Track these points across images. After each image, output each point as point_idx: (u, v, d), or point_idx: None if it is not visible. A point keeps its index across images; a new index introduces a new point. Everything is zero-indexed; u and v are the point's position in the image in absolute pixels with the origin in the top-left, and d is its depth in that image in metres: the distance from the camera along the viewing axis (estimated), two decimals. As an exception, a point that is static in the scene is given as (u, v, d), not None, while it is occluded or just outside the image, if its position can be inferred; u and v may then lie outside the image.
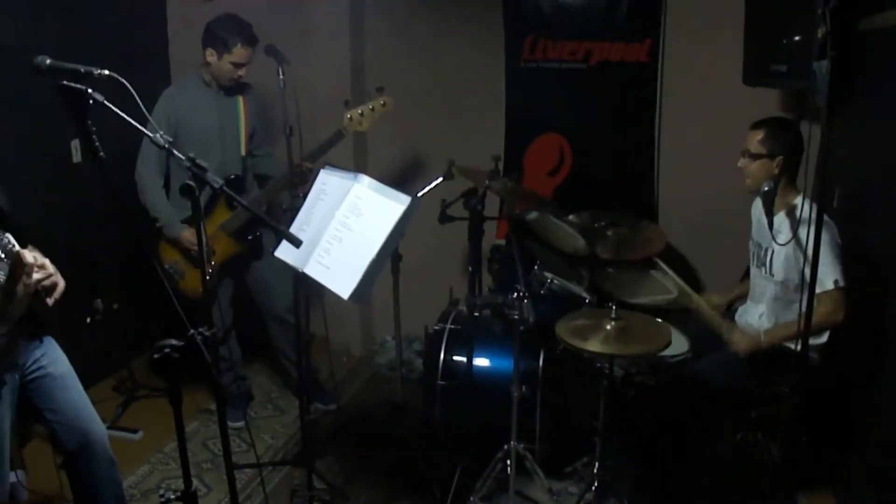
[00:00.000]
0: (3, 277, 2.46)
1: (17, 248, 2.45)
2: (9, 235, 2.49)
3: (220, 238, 4.40)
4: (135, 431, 4.60)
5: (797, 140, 3.61)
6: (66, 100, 2.02)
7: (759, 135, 3.62)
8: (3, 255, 2.50)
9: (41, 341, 3.00)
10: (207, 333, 2.28)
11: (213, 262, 4.39)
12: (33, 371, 2.98)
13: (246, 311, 4.81)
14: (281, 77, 3.97)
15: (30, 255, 2.43)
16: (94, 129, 2.04)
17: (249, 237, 4.44)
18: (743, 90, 4.15)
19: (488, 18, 5.05)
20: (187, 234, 4.29)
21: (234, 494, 2.80)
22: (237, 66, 4.27)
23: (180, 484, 2.52)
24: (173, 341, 2.21)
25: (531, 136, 5.18)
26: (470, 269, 3.86)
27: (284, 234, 2.73)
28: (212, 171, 4.25)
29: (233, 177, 4.39)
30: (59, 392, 3.06)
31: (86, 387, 4.95)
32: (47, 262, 2.53)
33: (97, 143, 2.05)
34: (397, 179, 5.35)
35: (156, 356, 2.20)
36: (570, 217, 4.23)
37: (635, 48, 4.78)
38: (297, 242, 2.75)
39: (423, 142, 5.36)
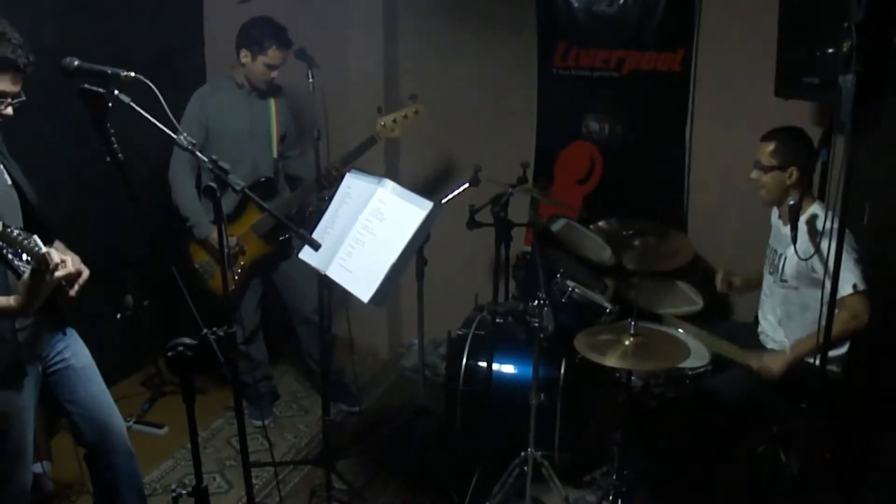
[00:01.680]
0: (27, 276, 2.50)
1: (44, 249, 2.49)
2: (35, 237, 2.54)
3: (251, 239, 4.44)
4: (160, 427, 4.66)
5: (810, 150, 3.59)
6: (87, 102, 2.06)
7: (770, 146, 3.60)
8: (29, 258, 2.55)
9: (64, 333, 3.05)
10: (221, 333, 2.31)
11: (241, 263, 4.43)
12: (56, 363, 3.03)
13: (274, 311, 4.85)
14: (310, 80, 4.00)
15: (56, 255, 2.48)
16: (113, 131, 2.08)
17: (280, 238, 4.48)
18: (775, 102, 4.12)
19: (521, 25, 5.05)
20: (216, 236, 4.34)
21: (251, 492, 2.83)
22: (271, 67, 4.31)
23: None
24: (187, 340, 2.25)
25: (562, 143, 5.16)
26: (494, 275, 3.88)
27: (303, 237, 2.75)
28: (244, 172, 4.34)
29: (263, 179, 4.43)
30: (81, 384, 3.11)
31: (114, 382, 5.07)
32: (69, 260, 2.57)
33: (115, 146, 2.08)
34: (428, 184, 5.38)
35: (169, 354, 2.23)
36: (600, 224, 4.23)
37: (668, 57, 4.76)
38: (315, 245, 2.77)
39: (455, 147, 5.38)
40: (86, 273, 2.70)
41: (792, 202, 3.40)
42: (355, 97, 5.15)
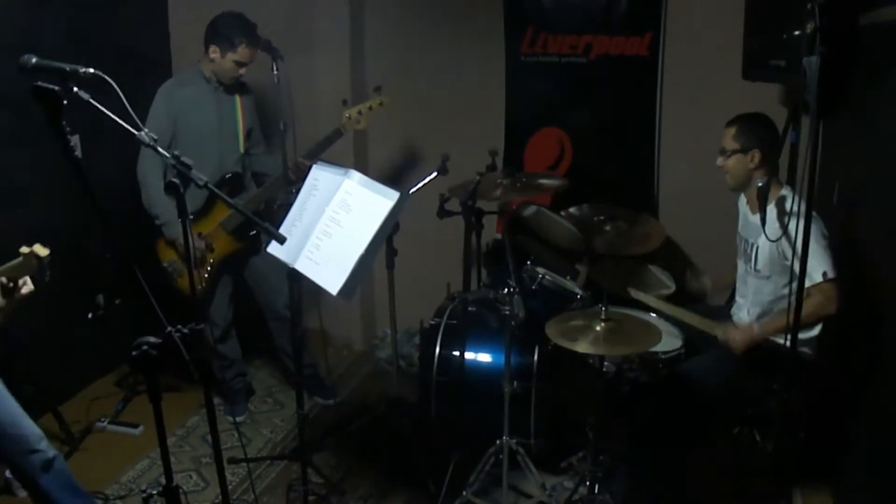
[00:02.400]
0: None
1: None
2: None
3: (220, 235, 4.39)
4: (135, 426, 4.62)
5: (772, 133, 3.60)
6: (42, 101, 2.03)
7: (731, 131, 3.61)
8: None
9: None
10: (186, 330, 2.29)
11: (211, 260, 4.39)
12: None
13: (246, 306, 4.82)
14: (275, 72, 3.97)
15: None
16: (69, 129, 2.05)
17: (250, 234, 4.42)
18: (743, 85, 4.12)
19: (488, 12, 5.03)
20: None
21: (225, 489, 2.81)
22: (240, 65, 4.25)
23: (178, 479, 2.54)
24: (151, 339, 2.22)
25: (531, 130, 5.16)
26: (465, 263, 3.88)
27: (269, 232, 2.73)
28: (210, 168, 4.30)
29: (230, 175, 4.38)
30: None
31: (87, 382, 5.07)
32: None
33: (72, 144, 2.05)
34: (397, 174, 5.36)
35: (133, 354, 2.20)
36: (570, 210, 4.22)
37: (635, 42, 4.76)
38: (280, 239, 2.75)
39: (424, 137, 5.35)
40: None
41: (761, 184, 3.41)
42: (322, 89, 5.11)
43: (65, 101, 2.04)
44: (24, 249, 2.57)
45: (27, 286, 2.61)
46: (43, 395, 4.39)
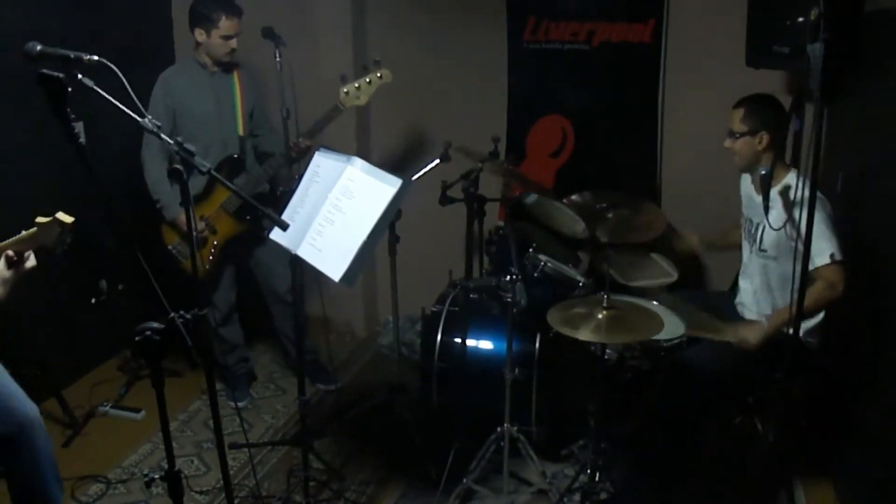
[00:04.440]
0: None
1: None
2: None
3: (222, 218, 4.38)
4: (137, 411, 4.63)
5: (780, 115, 3.58)
6: (47, 88, 2.03)
7: (740, 112, 3.59)
8: None
9: None
10: (189, 316, 2.29)
11: (214, 242, 4.39)
12: None
13: (248, 292, 4.82)
14: (278, 59, 3.95)
15: None
16: (73, 116, 2.05)
17: (248, 217, 4.42)
18: (746, 71, 4.12)
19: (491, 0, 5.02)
20: (184, 218, 4.28)
21: (227, 474, 2.81)
22: (227, 38, 4.24)
23: (179, 463, 2.54)
24: (154, 324, 2.22)
25: (533, 117, 5.15)
26: (467, 250, 3.88)
27: (270, 218, 2.73)
28: (214, 153, 4.29)
29: (235, 156, 4.38)
30: None
31: (90, 367, 5.07)
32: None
33: (77, 131, 2.06)
34: (400, 161, 5.35)
35: (137, 339, 2.21)
36: (573, 198, 4.21)
37: (638, 29, 4.75)
38: (283, 226, 2.75)
39: (427, 124, 5.35)
40: None
41: (763, 172, 3.40)
42: (324, 78, 5.10)
43: (69, 89, 2.04)
44: (41, 219, 2.58)
45: (31, 260, 2.63)
46: (46, 379, 4.40)
